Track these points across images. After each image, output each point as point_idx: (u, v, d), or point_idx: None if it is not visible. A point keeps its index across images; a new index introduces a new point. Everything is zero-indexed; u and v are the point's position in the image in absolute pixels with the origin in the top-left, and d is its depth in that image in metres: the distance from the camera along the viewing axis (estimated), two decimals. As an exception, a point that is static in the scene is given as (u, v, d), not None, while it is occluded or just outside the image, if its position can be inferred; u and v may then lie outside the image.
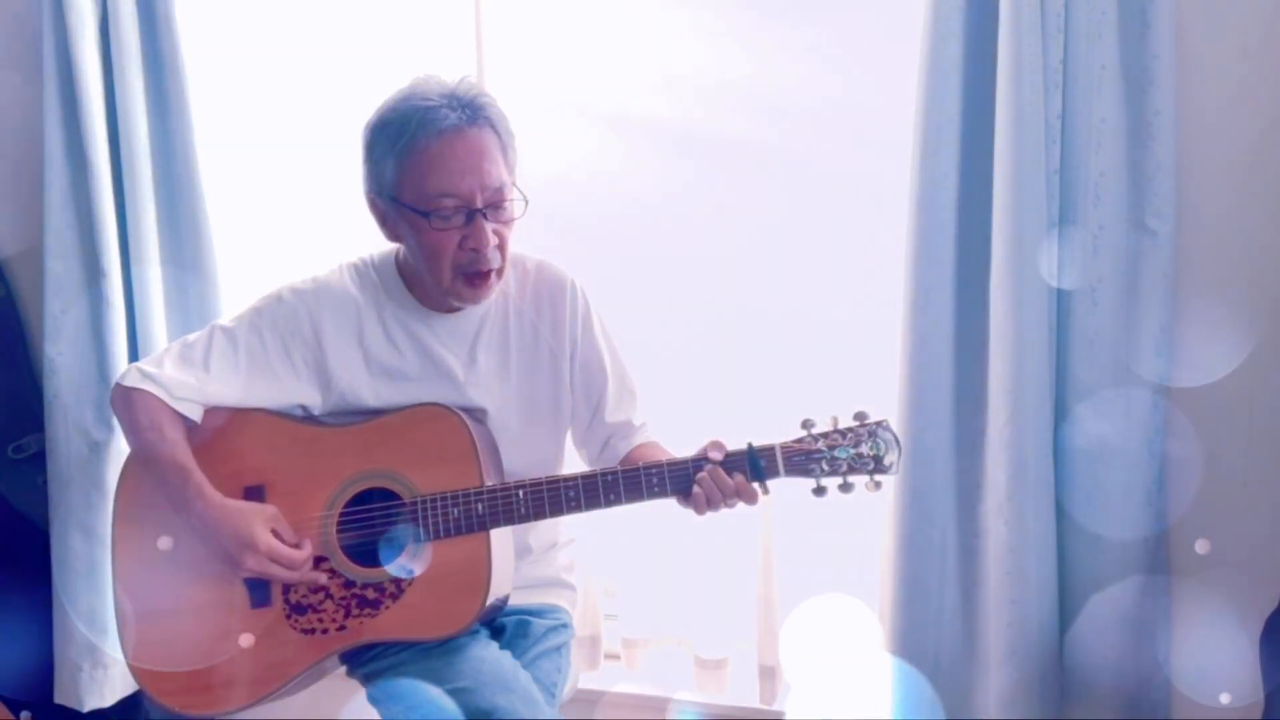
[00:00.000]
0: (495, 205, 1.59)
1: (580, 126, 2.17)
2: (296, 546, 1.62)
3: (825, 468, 1.56)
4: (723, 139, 2.09)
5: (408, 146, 1.56)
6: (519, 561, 1.73)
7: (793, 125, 2.04)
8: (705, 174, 2.12)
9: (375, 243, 1.73)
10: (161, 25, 2.09)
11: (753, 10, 2.05)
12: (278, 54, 2.23)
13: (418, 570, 1.61)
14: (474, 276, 1.61)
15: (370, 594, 1.63)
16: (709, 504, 1.56)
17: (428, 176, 1.56)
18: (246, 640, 1.62)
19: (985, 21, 1.75)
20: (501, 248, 1.61)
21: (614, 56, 2.14)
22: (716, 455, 1.56)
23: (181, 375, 1.65)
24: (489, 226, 1.58)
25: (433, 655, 1.61)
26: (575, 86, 2.16)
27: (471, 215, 1.58)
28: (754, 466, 1.55)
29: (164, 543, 1.64)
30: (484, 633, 1.69)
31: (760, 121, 2.07)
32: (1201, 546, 1.76)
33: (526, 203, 1.63)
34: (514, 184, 1.62)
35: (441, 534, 1.61)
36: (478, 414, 1.71)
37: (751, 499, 1.56)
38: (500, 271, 1.64)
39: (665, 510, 1.64)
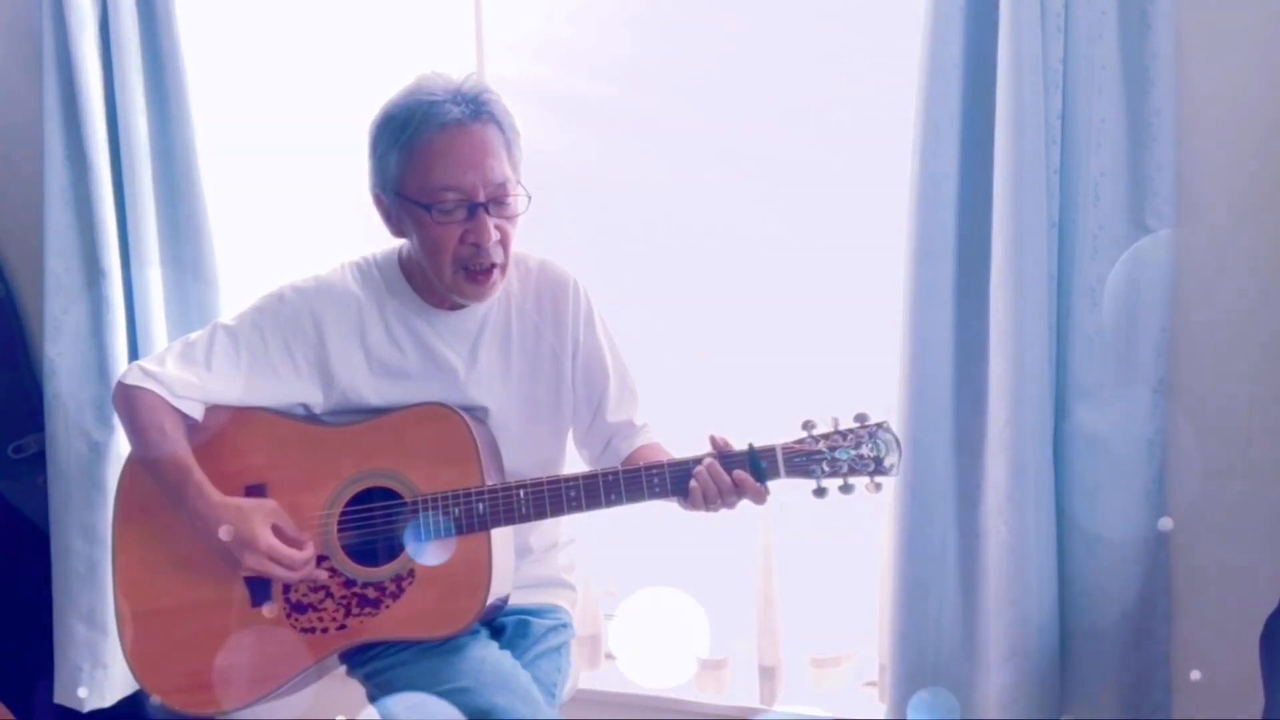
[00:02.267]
0: (498, 200, 1.60)
1: (581, 126, 2.17)
2: (299, 541, 1.62)
3: (826, 469, 1.56)
4: (724, 139, 2.09)
5: (411, 140, 1.56)
6: (519, 561, 1.73)
7: (793, 125, 2.05)
8: (707, 174, 2.12)
9: (376, 243, 1.73)
10: (161, 25, 2.09)
11: (753, 10, 2.06)
12: (278, 54, 2.23)
13: (418, 570, 1.61)
14: (475, 273, 1.61)
15: (370, 593, 1.63)
16: (706, 500, 1.55)
17: (431, 170, 1.57)
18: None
19: (985, 21, 1.75)
20: (504, 243, 1.62)
21: (615, 56, 2.14)
22: (715, 452, 1.56)
23: (183, 374, 1.65)
24: (491, 221, 1.59)
25: (433, 655, 1.61)
26: (576, 86, 2.16)
27: (474, 209, 1.58)
28: (755, 467, 1.55)
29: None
30: (484, 632, 1.69)
31: (762, 121, 2.07)
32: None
33: (529, 199, 1.63)
34: (518, 181, 1.63)
35: (442, 533, 1.61)
36: (479, 413, 1.71)
37: (759, 496, 1.55)
38: (504, 268, 1.64)
39: (665, 510, 1.64)
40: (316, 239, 2.22)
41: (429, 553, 1.61)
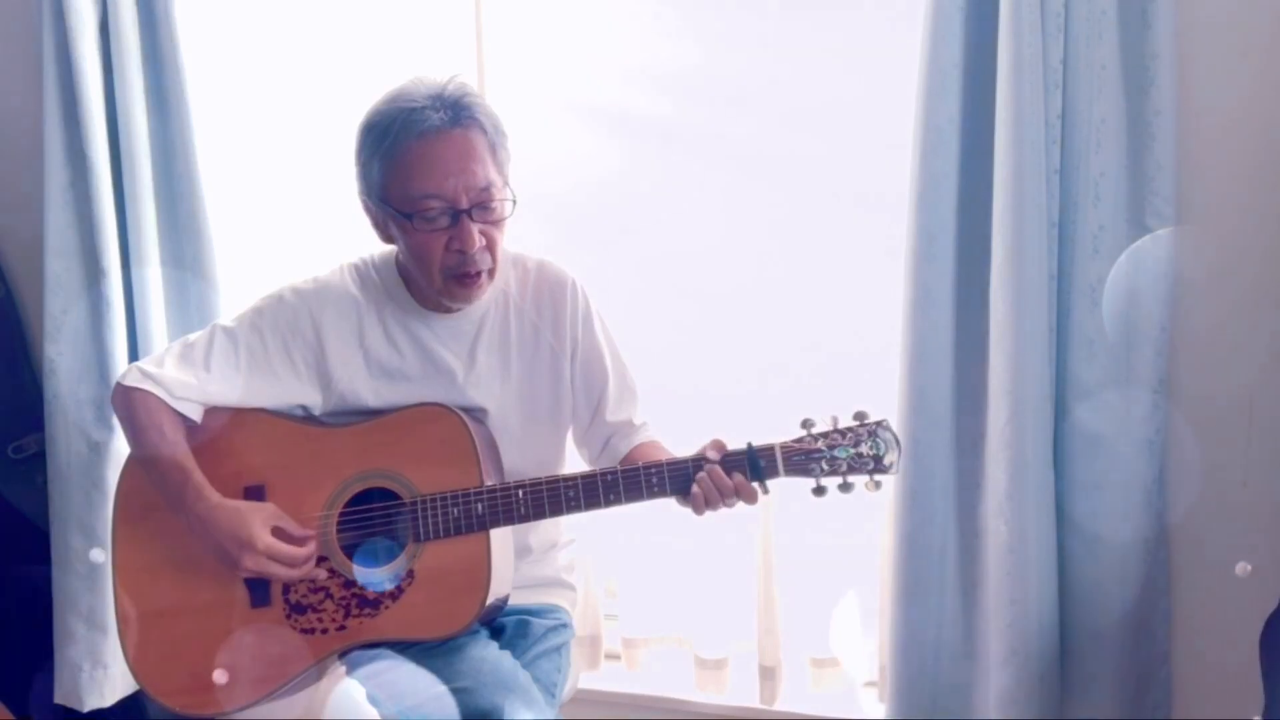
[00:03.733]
0: (482, 205, 1.58)
1: (581, 125, 2.17)
2: (302, 539, 1.62)
3: (825, 467, 1.56)
4: (724, 139, 2.10)
5: (391, 148, 1.56)
6: (519, 561, 1.73)
7: (793, 125, 2.05)
8: (706, 173, 2.12)
9: (375, 243, 1.73)
10: (161, 25, 2.09)
11: (753, 10, 2.06)
12: (278, 54, 2.23)
13: (417, 570, 1.61)
14: (463, 277, 1.61)
15: (370, 594, 1.62)
16: (707, 504, 1.55)
17: (412, 178, 1.56)
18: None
19: (985, 21, 1.75)
20: (491, 248, 1.60)
21: (615, 56, 2.15)
22: (715, 455, 1.56)
23: (182, 375, 1.65)
24: (475, 227, 1.57)
25: (433, 655, 1.61)
26: (576, 86, 2.16)
27: (457, 216, 1.57)
28: (754, 466, 1.55)
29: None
30: (484, 633, 1.69)
31: (761, 121, 2.07)
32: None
33: (515, 202, 1.62)
34: (505, 183, 1.61)
35: (441, 534, 1.61)
36: (478, 414, 1.71)
37: (751, 498, 1.55)
38: (492, 272, 1.63)
39: (665, 510, 1.64)
40: (316, 238, 2.22)
41: (428, 554, 1.61)
